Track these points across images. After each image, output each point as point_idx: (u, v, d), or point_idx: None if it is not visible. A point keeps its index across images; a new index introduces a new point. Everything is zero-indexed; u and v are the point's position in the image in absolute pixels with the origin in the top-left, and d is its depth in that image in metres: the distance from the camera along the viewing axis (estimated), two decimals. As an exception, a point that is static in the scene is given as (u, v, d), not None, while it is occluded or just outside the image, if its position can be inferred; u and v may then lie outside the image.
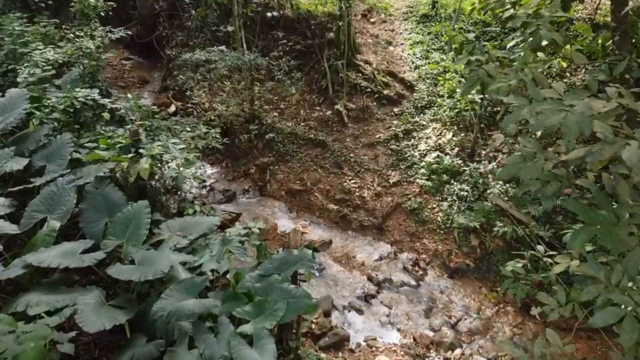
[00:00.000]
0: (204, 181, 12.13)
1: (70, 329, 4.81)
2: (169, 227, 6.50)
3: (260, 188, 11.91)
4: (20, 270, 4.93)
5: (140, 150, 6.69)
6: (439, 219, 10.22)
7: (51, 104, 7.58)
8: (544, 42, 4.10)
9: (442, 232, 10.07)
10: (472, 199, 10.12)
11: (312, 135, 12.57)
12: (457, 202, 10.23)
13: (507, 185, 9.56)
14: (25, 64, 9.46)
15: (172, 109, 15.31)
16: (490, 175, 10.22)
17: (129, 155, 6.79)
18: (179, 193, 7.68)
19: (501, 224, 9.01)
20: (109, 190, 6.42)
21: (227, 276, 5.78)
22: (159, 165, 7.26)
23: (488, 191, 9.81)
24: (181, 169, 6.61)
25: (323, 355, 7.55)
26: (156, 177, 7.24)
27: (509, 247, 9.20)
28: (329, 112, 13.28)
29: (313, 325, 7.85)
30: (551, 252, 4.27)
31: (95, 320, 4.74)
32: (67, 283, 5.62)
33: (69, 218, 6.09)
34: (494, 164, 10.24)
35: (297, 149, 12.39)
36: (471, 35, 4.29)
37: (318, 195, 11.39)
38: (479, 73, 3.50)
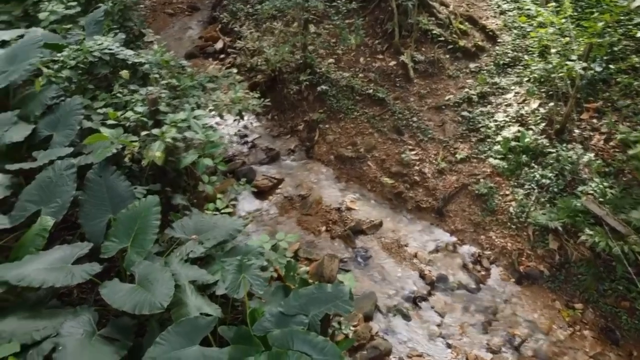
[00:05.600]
0: (246, 136, 10.95)
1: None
2: (184, 227, 5.45)
3: (307, 149, 10.59)
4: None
5: (154, 131, 5.52)
6: (511, 209, 8.60)
7: (61, 58, 6.42)
8: None
9: (513, 226, 8.47)
10: (555, 189, 8.36)
11: (371, 90, 10.90)
12: (536, 191, 8.53)
13: (605, 184, 7.71)
14: (49, -3, 8.29)
15: (220, 45, 13.89)
16: (581, 163, 8.35)
17: (143, 134, 5.66)
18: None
19: (591, 232, 7.31)
20: (114, 180, 5.35)
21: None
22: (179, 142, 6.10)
23: (579, 188, 7.98)
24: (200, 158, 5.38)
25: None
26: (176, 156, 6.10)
27: (596, 260, 7.57)
28: (392, 63, 11.47)
29: (351, 334, 6.79)
30: None
31: (78, 363, 3.89)
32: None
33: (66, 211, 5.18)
34: (591, 155, 8.28)
35: (352, 106, 10.82)
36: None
37: (371, 164, 9.96)
38: None
